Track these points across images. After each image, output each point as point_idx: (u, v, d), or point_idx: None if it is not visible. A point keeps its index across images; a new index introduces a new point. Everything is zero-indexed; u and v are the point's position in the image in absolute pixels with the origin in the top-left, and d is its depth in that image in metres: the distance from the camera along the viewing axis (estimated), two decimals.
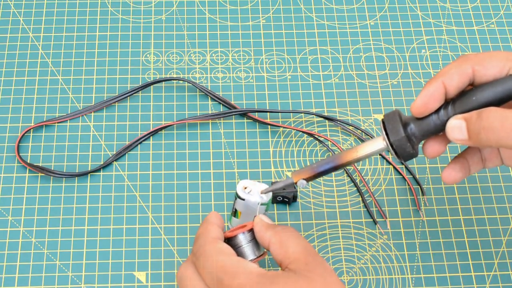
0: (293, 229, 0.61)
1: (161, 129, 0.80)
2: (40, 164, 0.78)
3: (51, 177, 0.77)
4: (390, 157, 0.79)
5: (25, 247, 0.73)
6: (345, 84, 0.84)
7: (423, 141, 0.62)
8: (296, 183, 0.64)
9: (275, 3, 0.90)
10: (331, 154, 0.79)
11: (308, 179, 0.64)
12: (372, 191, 0.77)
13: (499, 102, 0.58)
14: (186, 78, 0.83)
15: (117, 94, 0.82)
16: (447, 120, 0.59)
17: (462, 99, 0.59)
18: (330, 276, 0.57)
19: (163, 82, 0.83)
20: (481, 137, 0.56)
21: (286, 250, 0.59)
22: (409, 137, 0.60)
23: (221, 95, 0.82)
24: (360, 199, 0.77)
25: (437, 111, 0.60)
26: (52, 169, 0.77)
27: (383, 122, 0.61)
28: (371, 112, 0.82)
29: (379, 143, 0.62)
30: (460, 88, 0.60)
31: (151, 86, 0.83)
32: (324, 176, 0.70)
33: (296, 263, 0.57)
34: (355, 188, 0.77)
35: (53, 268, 0.72)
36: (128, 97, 0.82)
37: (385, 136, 0.61)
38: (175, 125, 0.81)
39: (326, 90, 0.83)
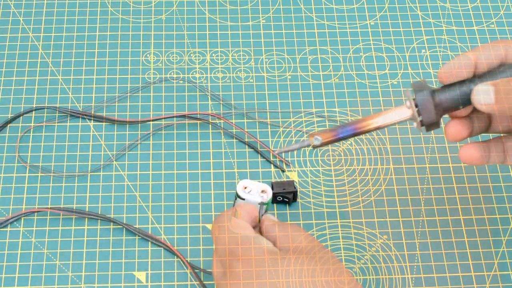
0: (299, 226, 0.63)
1: (161, 129, 0.80)
2: (40, 164, 0.78)
3: (51, 177, 0.77)
4: (390, 157, 0.79)
5: (25, 247, 0.73)
6: (345, 84, 0.84)
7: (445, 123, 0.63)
8: (312, 141, 0.64)
9: (275, 3, 0.90)
10: (331, 155, 0.79)
11: (325, 142, 0.64)
12: (372, 191, 0.77)
13: None
14: (186, 78, 0.83)
15: (117, 94, 0.82)
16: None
17: (490, 73, 0.61)
18: (338, 263, 0.60)
19: (163, 82, 0.83)
20: (508, 100, 0.57)
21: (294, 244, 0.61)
22: (435, 103, 0.61)
23: (221, 95, 0.82)
24: (360, 199, 0.77)
25: (463, 81, 0.61)
26: (52, 169, 0.77)
27: (412, 85, 0.62)
28: (371, 112, 0.82)
29: (404, 110, 0.62)
30: (490, 66, 0.62)
31: (151, 86, 0.83)
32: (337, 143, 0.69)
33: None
34: (355, 188, 0.77)
35: (53, 268, 0.72)
36: (128, 97, 0.82)
37: (412, 100, 0.61)
38: (175, 125, 0.80)
39: (326, 90, 0.83)
